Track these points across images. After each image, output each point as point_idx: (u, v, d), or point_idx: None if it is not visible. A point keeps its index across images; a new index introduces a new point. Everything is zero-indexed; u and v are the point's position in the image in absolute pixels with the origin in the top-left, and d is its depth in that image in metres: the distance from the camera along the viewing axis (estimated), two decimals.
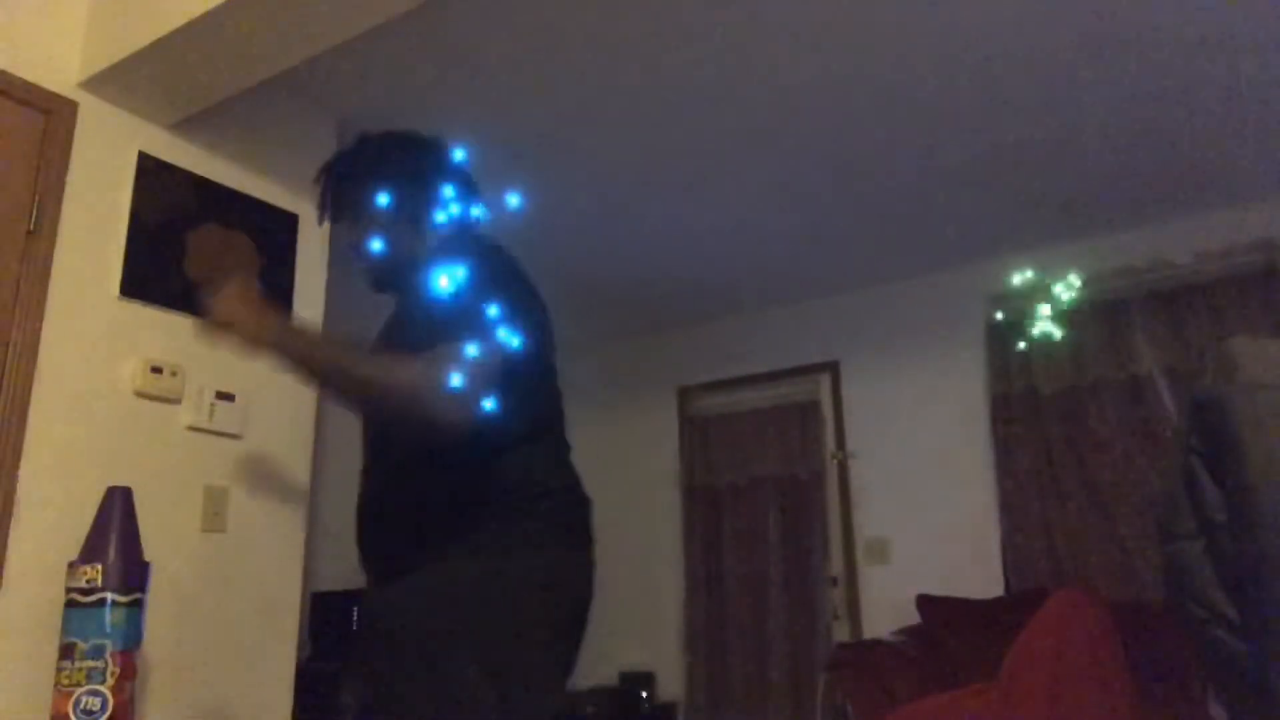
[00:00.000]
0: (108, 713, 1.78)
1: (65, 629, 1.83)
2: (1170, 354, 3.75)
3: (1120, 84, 2.89)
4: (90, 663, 1.79)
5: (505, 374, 1.40)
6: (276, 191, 2.64)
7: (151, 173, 2.35)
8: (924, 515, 4.23)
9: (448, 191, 1.60)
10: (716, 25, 2.59)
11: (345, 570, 3.77)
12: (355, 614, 3.47)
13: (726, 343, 4.99)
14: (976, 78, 2.85)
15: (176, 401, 2.32)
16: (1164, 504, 1.59)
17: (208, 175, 2.48)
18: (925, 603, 3.76)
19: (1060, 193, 3.63)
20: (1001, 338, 4.12)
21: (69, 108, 2.23)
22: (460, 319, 1.40)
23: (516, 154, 3.22)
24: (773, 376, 4.76)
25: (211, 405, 2.36)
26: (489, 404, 1.37)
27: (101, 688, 1.78)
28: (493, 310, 1.40)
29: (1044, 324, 3.71)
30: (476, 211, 1.65)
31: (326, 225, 2.72)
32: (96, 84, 2.25)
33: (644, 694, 4.63)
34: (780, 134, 3.18)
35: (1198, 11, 2.55)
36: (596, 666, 4.57)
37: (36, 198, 2.13)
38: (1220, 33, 2.64)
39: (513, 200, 1.62)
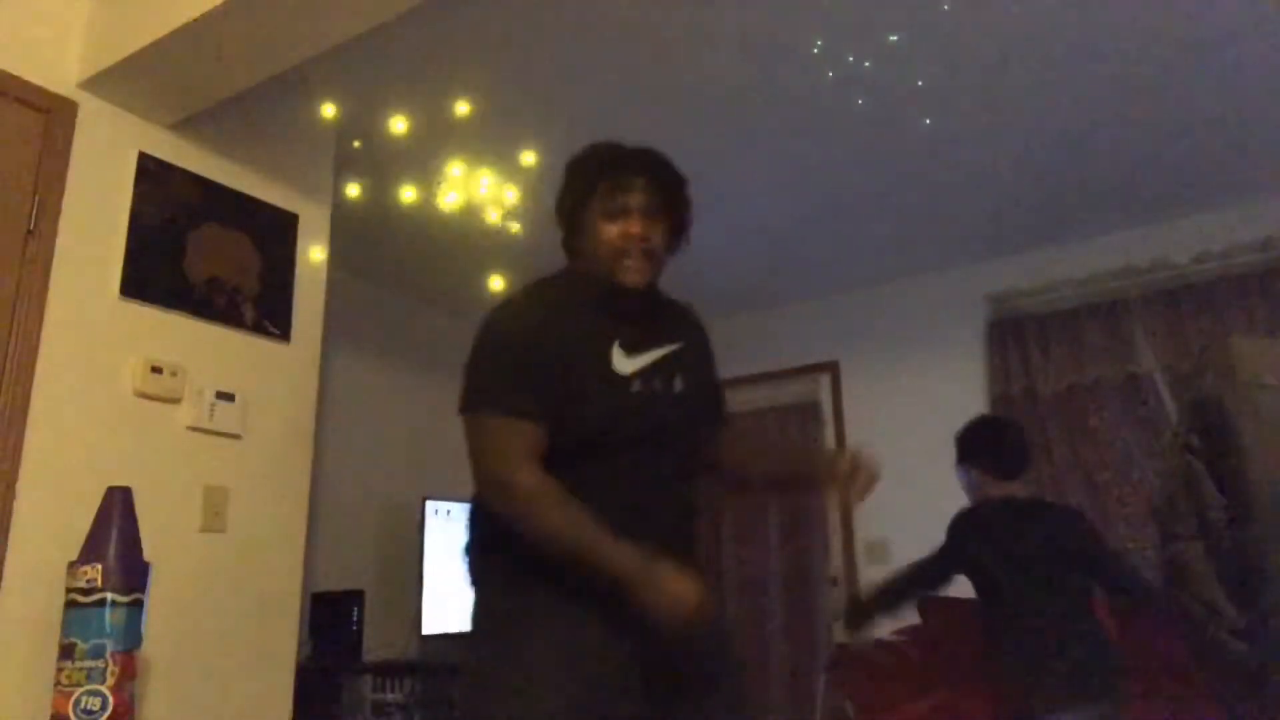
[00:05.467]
0: (108, 713, 1.78)
1: (65, 629, 1.83)
2: (1170, 354, 3.75)
3: (1120, 83, 2.89)
4: (90, 663, 1.79)
5: None
6: (276, 191, 2.64)
7: (151, 173, 2.35)
8: (924, 515, 4.20)
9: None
10: (720, 30, 2.59)
11: (345, 570, 3.77)
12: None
13: (726, 343, 4.93)
14: (976, 79, 2.85)
15: (176, 401, 2.31)
16: (1164, 504, 1.59)
17: (208, 175, 2.48)
18: (925, 603, 3.75)
19: (1060, 192, 3.63)
20: (1001, 338, 4.13)
21: (69, 108, 2.23)
22: None
23: (518, 154, 3.22)
24: (773, 376, 4.74)
25: (211, 405, 2.36)
26: None
27: (101, 688, 1.78)
28: None
29: None
30: None
31: (327, 225, 2.76)
32: (96, 84, 2.25)
33: None
34: (780, 136, 3.18)
35: (1197, 10, 2.55)
36: None
37: (36, 198, 2.13)
38: (1221, 32, 2.65)
39: None
